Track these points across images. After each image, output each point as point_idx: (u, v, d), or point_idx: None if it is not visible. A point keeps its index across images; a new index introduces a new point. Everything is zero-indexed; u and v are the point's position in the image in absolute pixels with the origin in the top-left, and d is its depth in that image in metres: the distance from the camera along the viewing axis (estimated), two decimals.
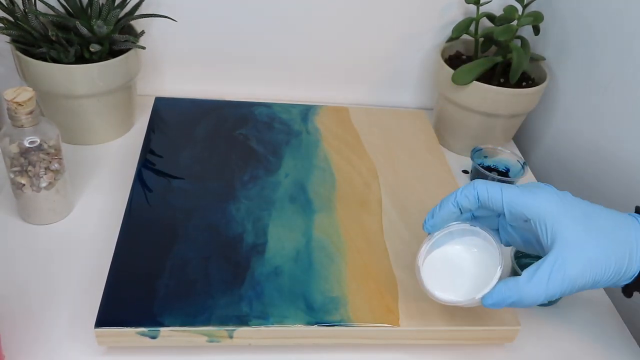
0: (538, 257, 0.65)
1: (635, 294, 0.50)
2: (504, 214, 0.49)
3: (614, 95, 0.71)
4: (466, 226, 0.51)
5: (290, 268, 0.56)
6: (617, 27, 0.71)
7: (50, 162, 0.59)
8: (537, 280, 0.45)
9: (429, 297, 0.50)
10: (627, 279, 0.47)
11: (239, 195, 0.64)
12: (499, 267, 0.48)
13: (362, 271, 0.57)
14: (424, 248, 0.51)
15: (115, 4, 0.71)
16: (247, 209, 0.62)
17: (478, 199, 0.49)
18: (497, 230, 0.54)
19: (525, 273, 0.46)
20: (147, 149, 0.68)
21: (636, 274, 0.47)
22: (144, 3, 0.75)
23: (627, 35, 0.69)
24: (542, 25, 0.79)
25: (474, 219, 0.54)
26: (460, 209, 0.50)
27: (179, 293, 0.52)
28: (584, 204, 0.49)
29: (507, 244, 0.55)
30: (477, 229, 0.51)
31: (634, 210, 0.51)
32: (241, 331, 0.50)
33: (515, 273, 0.61)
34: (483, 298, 0.48)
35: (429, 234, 0.52)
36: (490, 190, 0.49)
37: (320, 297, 0.53)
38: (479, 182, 0.50)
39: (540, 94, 0.79)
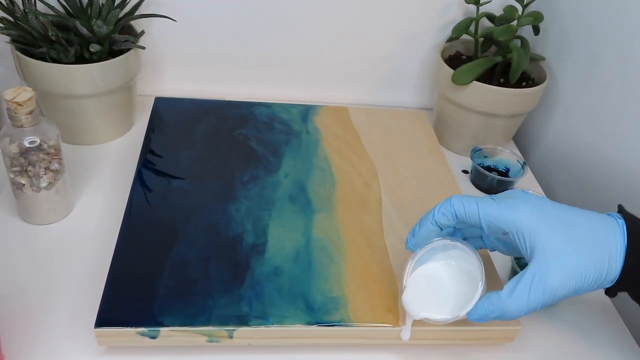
0: None
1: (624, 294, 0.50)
2: (484, 228, 0.49)
3: (614, 95, 0.71)
4: (447, 242, 0.51)
5: (290, 268, 0.56)
6: (617, 27, 0.71)
7: (50, 162, 0.59)
8: (518, 294, 0.45)
9: (412, 317, 0.51)
10: (609, 282, 0.47)
11: (239, 195, 0.64)
12: (480, 283, 0.48)
13: (362, 271, 0.57)
14: (408, 267, 0.52)
15: (115, 4, 0.71)
16: (247, 209, 0.62)
17: (455, 216, 0.49)
18: (481, 237, 0.54)
19: (507, 287, 0.46)
20: (147, 149, 0.68)
21: (617, 277, 0.46)
22: (144, 3, 0.75)
23: (627, 35, 0.69)
24: (542, 25, 0.79)
25: (457, 230, 0.54)
26: (439, 226, 0.50)
27: (179, 293, 0.52)
28: (562, 209, 0.48)
29: (492, 249, 0.55)
30: (458, 244, 0.51)
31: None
32: (241, 331, 0.50)
33: (515, 273, 0.61)
34: (468, 314, 0.48)
35: (413, 252, 0.52)
36: (466, 206, 0.49)
37: (320, 297, 0.53)
38: (455, 199, 0.50)
39: (540, 94, 0.79)
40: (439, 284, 0.52)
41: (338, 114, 0.80)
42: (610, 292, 0.49)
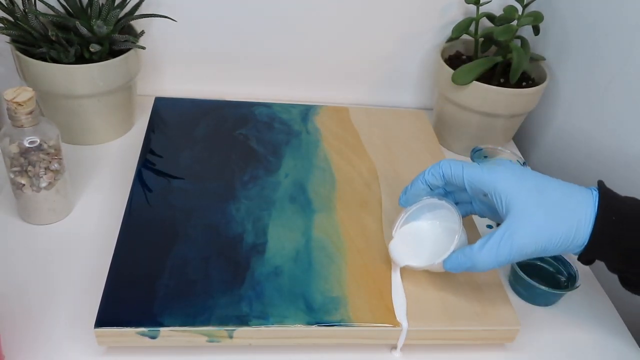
0: (538, 259, 0.65)
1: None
2: (467, 190, 0.54)
3: (614, 95, 0.71)
4: (435, 200, 0.56)
5: (290, 268, 0.56)
6: (617, 27, 0.71)
7: (50, 162, 0.59)
8: (488, 249, 0.50)
9: (397, 264, 0.57)
10: (577, 247, 0.50)
11: (239, 195, 0.64)
12: (456, 236, 0.53)
13: (362, 271, 0.57)
14: (398, 221, 0.58)
15: (115, 4, 0.71)
16: (247, 209, 0.62)
17: (443, 177, 0.54)
18: (471, 203, 0.58)
19: (479, 242, 0.51)
20: (147, 149, 0.68)
21: (585, 243, 0.49)
22: (144, 3, 0.75)
23: (627, 35, 0.69)
24: (542, 25, 0.79)
25: (449, 194, 0.58)
26: (429, 186, 0.55)
27: (179, 293, 0.52)
28: (540, 178, 0.52)
29: (482, 215, 0.58)
30: (444, 202, 0.56)
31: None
32: (241, 331, 0.50)
33: (515, 273, 0.62)
34: (443, 262, 0.53)
35: (405, 208, 0.57)
36: (453, 168, 0.54)
37: (320, 297, 0.53)
38: (444, 162, 0.54)
39: (540, 94, 0.79)
40: (423, 238, 0.57)
41: (338, 114, 0.80)
42: (582, 258, 0.52)
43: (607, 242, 0.50)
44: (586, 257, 0.52)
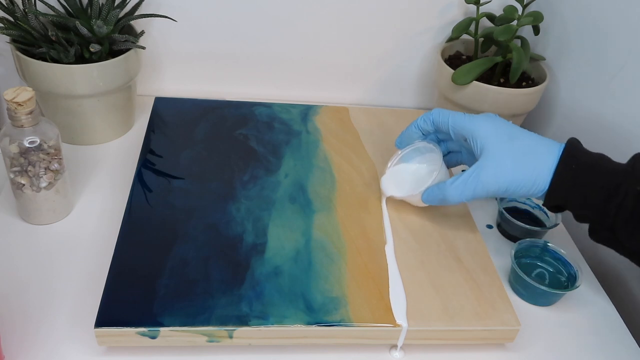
0: (536, 257, 0.65)
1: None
2: (451, 135, 0.60)
3: (614, 95, 0.71)
4: (425, 144, 0.64)
5: (290, 268, 0.56)
6: (618, 27, 0.71)
7: (50, 162, 0.59)
8: (457, 184, 0.57)
9: (384, 195, 0.65)
10: (539, 191, 0.55)
11: (239, 195, 0.64)
12: (435, 173, 0.61)
13: (362, 271, 0.57)
14: (392, 160, 0.66)
15: (115, 4, 0.71)
16: (247, 209, 0.62)
17: (432, 123, 0.62)
18: (460, 152, 0.65)
19: (452, 178, 0.58)
20: (147, 149, 0.68)
21: (546, 188, 0.55)
22: (144, 3, 0.75)
23: (627, 35, 0.69)
24: (542, 25, 0.79)
25: (442, 142, 0.65)
26: (421, 131, 0.63)
27: (179, 293, 0.52)
28: (515, 128, 0.58)
29: (469, 164, 0.64)
30: (432, 146, 0.63)
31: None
32: (241, 331, 0.50)
33: (515, 272, 0.62)
34: (421, 194, 0.61)
35: (399, 150, 0.66)
36: (441, 116, 0.61)
37: (320, 297, 0.53)
38: (436, 110, 0.62)
39: (540, 94, 0.79)
40: (409, 175, 0.65)
41: (338, 114, 0.80)
42: (547, 204, 0.57)
43: (566, 188, 0.54)
44: (549, 202, 0.56)
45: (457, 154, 0.65)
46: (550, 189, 0.55)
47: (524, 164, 0.55)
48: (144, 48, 0.73)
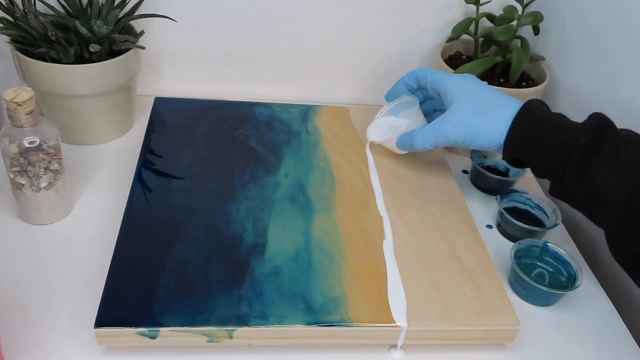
0: (536, 257, 0.65)
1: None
2: (429, 90, 0.67)
3: (614, 95, 0.71)
4: (409, 98, 0.70)
5: (290, 268, 0.56)
6: (618, 27, 0.71)
7: (50, 162, 0.59)
8: (423, 132, 0.64)
9: (367, 140, 0.74)
10: (496, 144, 0.60)
11: (239, 195, 0.63)
12: (409, 122, 0.67)
13: (362, 271, 0.57)
14: (380, 113, 0.74)
15: (115, 4, 0.71)
16: (247, 209, 0.62)
17: (416, 79, 0.69)
18: (444, 110, 0.67)
19: (419, 127, 0.65)
20: (147, 149, 0.68)
21: (502, 142, 0.60)
22: (143, 3, 0.75)
23: (627, 35, 0.69)
24: (542, 25, 0.79)
25: (429, 100, 0.72)
26: (406, 87, 0.70)
27: (179, 293, 0.52)
28: (484, 87, 0.63)
29: None
30: (413, 100, 0.70)
31: None
32: (241, 331, 0.50)
33: (515, 272, 0.62)
34: (396, 139, 0.68)
35: (387, 103, 0.73)
36: (423, 73, 0.68)
37: (319, 297, 0.53)
38: (421, 68, 0.69)
39: (540, 94, 0.79)
40: (391, 125, 0.73)
41: (338, 114, 0.80)
42: (506, 158, 0.61)
43: (520, 142, 0.58)
44: (506, 156, 0.61)
45: (442, 112, 0.67)
46: (505, 142, 0.59)
47: (483, 117, 0.60)
48: (143, 48, 0.73)
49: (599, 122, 0.56)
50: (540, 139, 0.57)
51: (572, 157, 0.55)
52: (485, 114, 0.60)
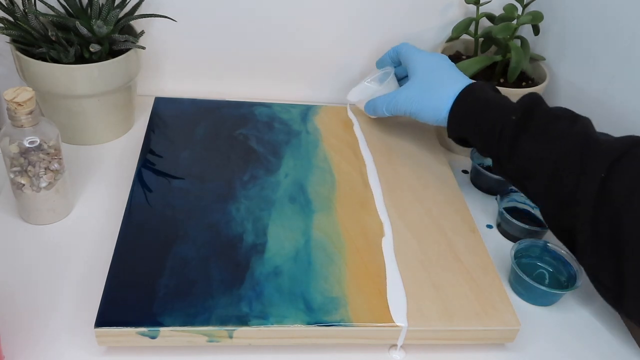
0: (536, 257, 0.65)
1: None
2: (402, 64, 0.74)
3: (614, 95, 0.71)
4: (391, 69, 0.76)
5: (290, 268, 0.56)
6: (617, 27, 0.71)
7: (50, 162, 0.59)
8: (381, 100, 0.71)
9: (348, 100, 0.80)
10: (442, 119, 0.65)
11: (239, 195, 0.64)
12: (380, 88, 0.73)
13: (362, 271, 0.57)
14: (365, 79, 0.79)
15: (115, 4, 0.71)
16: (247, 209, 0.62)
17: (397, 53, 0.74)
18: None
19: (382, 95, 0.71)
20: (147, 149, 0.68)
21: (445, 117, 0.64)
22: (144, 3, 0.75)
23: (627, 35, 0.69)
24: (542, 25, 0.79)
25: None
26: (391, 59, 0.76)
27: (179, 293, 0.52)
28: (445, 65, 0.69)
29: None
30: (391, 69, 0.76)
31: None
32: (241, 331, 0.50)
33: (515, 272, 0.62)
34: (364, 104, 0.75)
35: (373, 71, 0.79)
36: (402, 49, 0.73)
37: (319, 297, 0.53)
38: (403, 43, 0.74)
39: (540, 94, 0.79)
40: (370, 91, 0.77)
41: (338, 114, 0.80)
42: (451, 135, 0.66)
43: (461, 119, 0.63)
44: (450, 133, 0.66)
45: None
46: (449, 119, 0.64)
47: (431, 93, 0.66)
48: (144, 48, 0.73)
49: (531, 101, 0.60)
50: (478, 116, 0.61)
51: (504, 133, 0.59)
52: (432, 89, 0.66)
